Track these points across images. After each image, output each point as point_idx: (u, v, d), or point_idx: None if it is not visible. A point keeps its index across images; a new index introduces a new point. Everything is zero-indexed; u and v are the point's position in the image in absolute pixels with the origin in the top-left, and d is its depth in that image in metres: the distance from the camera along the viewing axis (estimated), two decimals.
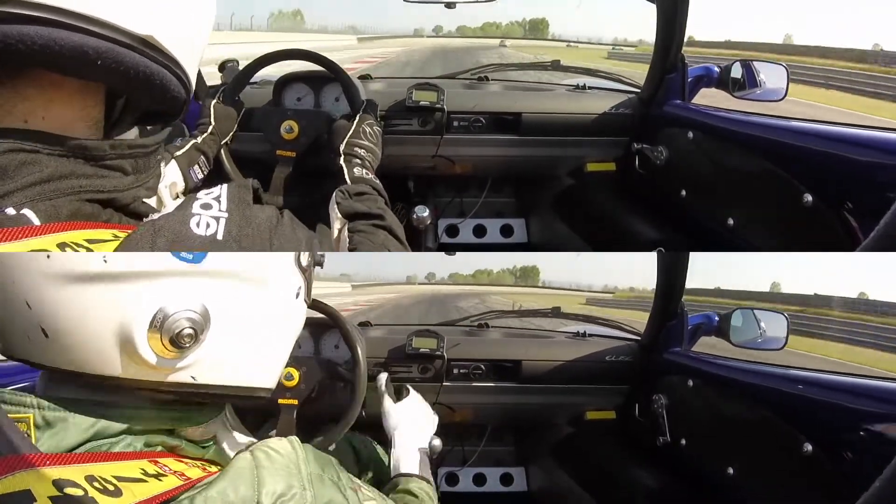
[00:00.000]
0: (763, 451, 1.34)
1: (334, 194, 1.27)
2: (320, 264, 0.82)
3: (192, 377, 0.64)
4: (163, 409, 0.67)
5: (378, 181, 1.36)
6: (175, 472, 0.62)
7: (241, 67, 1.77)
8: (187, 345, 0.61)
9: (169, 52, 0.66)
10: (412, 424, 1.40)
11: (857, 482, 1.06)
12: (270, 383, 0.74)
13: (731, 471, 1.42)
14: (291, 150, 1.67)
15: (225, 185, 0.68)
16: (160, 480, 0.59)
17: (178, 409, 0.68)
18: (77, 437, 0.61)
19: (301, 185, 1.70)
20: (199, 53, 0.75)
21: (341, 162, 1.42)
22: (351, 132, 1.47)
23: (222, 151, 1.64)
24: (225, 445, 0.77)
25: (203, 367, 0.65)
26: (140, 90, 0.65)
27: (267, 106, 1.90)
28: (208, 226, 0.63)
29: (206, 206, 0.64)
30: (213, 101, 1.62)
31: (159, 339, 0.60)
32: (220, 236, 0.63)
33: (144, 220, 0.64)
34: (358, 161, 1.44)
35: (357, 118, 1.51)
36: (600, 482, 1.79)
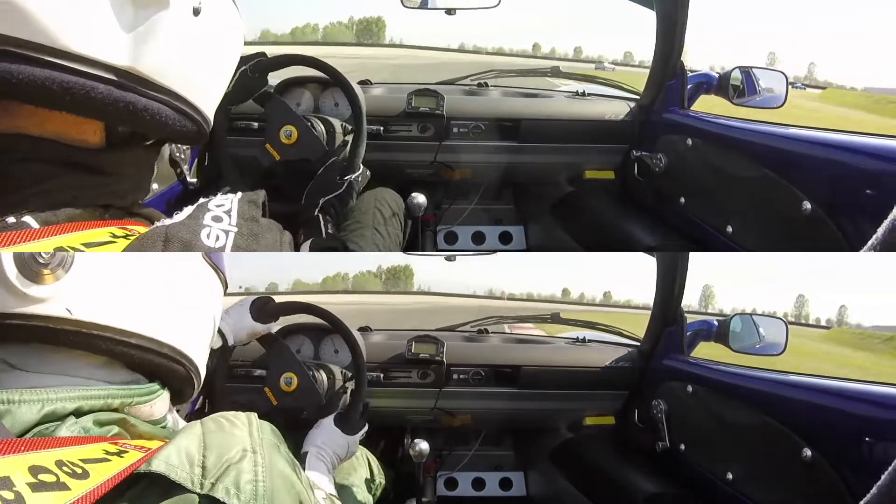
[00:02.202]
0: (762, 457, 1.35)
1: (308, 244, 1.39)
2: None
3: (68, 310, 0.61)
4: (99, 385, 0.64)
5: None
6: (135, 446, 0.61)
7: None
8: (45, 262, 0.58)
9: (160, 83, 0.64)
10: (334, 457, 1.40)
11: (856, 488, 1.07)
12: (172, 340, 0.69)
13: (730, 476, 1.42)
14: (279, 152, 1.64)
15: (235, 200, 0.69)
16: (122, 457, 0.59)
17: (114, 380, 0.66)
18: (24, 426, 0.59)
19: (269, 188, 1.68)
20: (214, 84, 0.73)
21: (317, 213, 1.50)
22: (337, 193, 1.55)
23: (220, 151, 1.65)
24: (179, 422, 0.76)
25: (78, 300, 0.61)
26: (128, 122, 0.64)
27: (284, 100, 1.83)
28: (217, 238, 0.63)
29: (217, 219, 0.65)
30: (244, 68, 1.57)
31: (22, 256, 0.58)
32: (228, 249, 0.63)
33: (156, 223, 0.64)
34: (330, 219, 1.53)
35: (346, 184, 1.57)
36: (599, 487, 1.79)
